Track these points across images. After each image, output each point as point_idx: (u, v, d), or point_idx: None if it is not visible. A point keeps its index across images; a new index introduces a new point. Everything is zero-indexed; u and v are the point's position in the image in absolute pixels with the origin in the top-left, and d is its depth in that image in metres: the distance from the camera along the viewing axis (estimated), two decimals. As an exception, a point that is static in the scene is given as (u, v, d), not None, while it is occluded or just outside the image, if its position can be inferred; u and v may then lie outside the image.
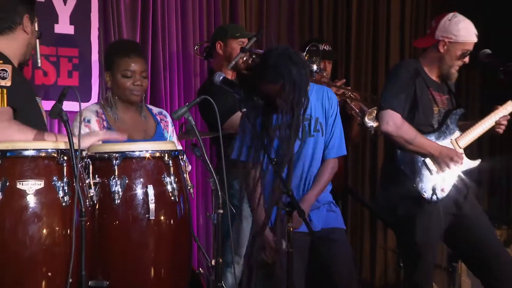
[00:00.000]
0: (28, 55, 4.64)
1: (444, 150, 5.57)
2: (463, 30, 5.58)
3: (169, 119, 5.10)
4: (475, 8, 7.51)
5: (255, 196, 5.08)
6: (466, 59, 5.66)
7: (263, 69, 4.95)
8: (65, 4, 6.74)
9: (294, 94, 4.87)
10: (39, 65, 5.03)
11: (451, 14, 5.66)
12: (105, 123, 4.94)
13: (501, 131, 5.82)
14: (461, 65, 5.70)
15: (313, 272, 5.08)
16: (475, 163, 5.73)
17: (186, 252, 4.35)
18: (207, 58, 6.59)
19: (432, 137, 5.61)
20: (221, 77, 5.53)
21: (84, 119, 4.94)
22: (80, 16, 6.83)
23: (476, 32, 5.63)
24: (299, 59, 4.98)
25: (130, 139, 4.83)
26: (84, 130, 4.86)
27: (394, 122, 5.46)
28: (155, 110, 5.15)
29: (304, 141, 5.06)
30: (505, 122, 5.79)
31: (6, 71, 3.87)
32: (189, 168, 5.17)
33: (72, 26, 6.83)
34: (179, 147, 4.93)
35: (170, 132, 5.12)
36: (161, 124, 5.10)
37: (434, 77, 5.69)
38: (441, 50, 5.63)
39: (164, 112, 5.11)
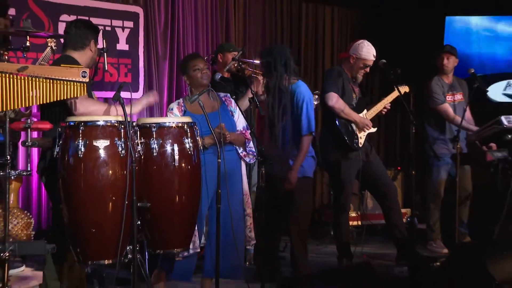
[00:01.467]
0: (91, 66, 4.65)
1: (362, 119, 5.66)
2: (365, 52, 5.64)
3: (232, 99, 5.00)
4: (379, 34, 7.51)
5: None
6: (367, 69, 5.75)
7: None
8: (123, 31, 6.77)
9: (268, 70, 4.98)
10: (106, 69, 5.01)
11: (361, 40, 5.74)
12: (182, 108, 4.85)
13: (383, 112, 5.94)
14: (363, 73, 5.77)
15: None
16: (375, 129, 5.83)
17: (198, 186, 4.35)
18: (212, 64, 6.54)
19: None
20: (219, 76, 5.51)
21: (169, 109, 4.90)
22: (132, 39, 6.84)
23: (375, 54, 5.68)
24: (278, 53, 5.05)
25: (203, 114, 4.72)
26: (170, 116, 4.79)
27: (335, 99, 5.52)
28: (222, 94, 5.02)
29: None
30: (388, 107, 5.90)
31: (86, 72, 3.87)
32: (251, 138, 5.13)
33: (127, 45, 6.83)
34: (241, 121, 4.89)
35: (234, 106, 4.96)
36: (226, 102, 4.95)
37: (350, 76, 5.73)
38: (351, 62, 5.71)
39: (228, 95, 5.00)
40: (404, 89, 5.88)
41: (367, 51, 5.66)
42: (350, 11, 8.60)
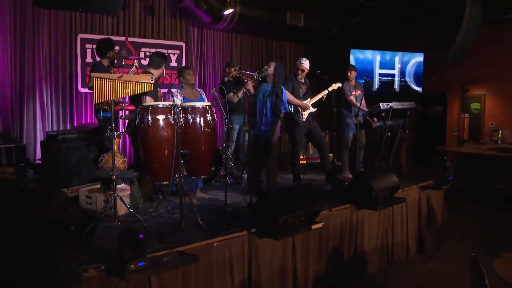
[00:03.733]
0: (159, 78, 4.65)
1: (303, 104, 5.45)
2: (304, 64, 5.50)
3: (203, 92, 4.89)
4: (315, 58, 7.47)
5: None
6: (304, 73, 5.52)
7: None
8: (173, 55, 6.73)
9: (276, 77, 4.74)
10: (165, 76, 5.02)
11: (302, 58, 5.57)
12: (182, 94, 4.70)
13: (323, 99, 5.75)
14: (304, 75, 5.55)
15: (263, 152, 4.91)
16: (315, 109, 5.65)
17: (214, 141, 4.26)
18: (223, 73, 6.52)
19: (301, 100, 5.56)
20: (226, 79, 5.49)
21: (174, 94, 4.58)
22: (178, 60, 6.78)
23: (309, 64, 5.51)
24: (278, 68, 4.78)
25: (191, 100, 4.67)
26: (176, 95, 4.63)
27: (288, 94, 5.39)
28: (199, 90, 4.90)
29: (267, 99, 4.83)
30: (324, 97, 5.72)
31: (153, 78, 3.89)
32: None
33: (176, 63, 6.77)
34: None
35: (204, 96, 4.87)
36: (202, 94, 4.86)
37: (299, 78, 5.58)
38: (296, 70, 5.55)
39: (201, 90, 4.89)
40: (338, 85, 5.70)
41: (304, 63, 5.49)
42: (299, 45, 8.58)
